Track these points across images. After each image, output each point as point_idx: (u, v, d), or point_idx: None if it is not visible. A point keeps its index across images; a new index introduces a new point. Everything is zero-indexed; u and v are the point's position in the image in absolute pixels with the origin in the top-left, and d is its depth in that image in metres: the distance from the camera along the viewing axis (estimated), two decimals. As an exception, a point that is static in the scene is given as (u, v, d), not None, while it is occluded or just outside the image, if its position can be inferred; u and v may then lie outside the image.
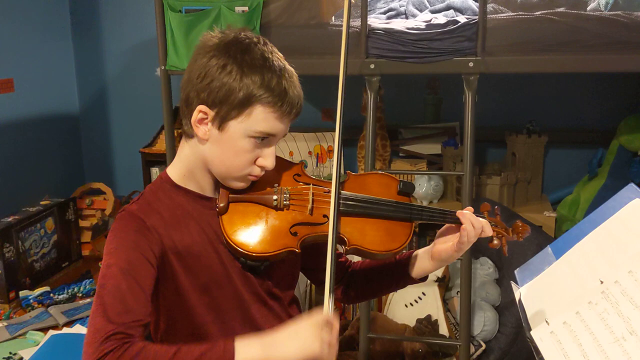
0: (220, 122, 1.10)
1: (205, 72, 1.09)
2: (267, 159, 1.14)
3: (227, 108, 1.09)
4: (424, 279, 1.32)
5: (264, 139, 1.12)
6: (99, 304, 1.01)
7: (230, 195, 1.16)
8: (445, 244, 1.22)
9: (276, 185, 1.19)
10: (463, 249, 1.20)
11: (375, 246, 1.18)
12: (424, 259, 1.28)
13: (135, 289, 1.03)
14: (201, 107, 1.10)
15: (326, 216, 1.17)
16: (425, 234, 2.87)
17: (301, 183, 1.22)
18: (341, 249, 1.22)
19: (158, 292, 1.11)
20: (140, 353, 0.95)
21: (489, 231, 1.21)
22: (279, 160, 1.20)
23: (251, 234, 1.14)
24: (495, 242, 1.23)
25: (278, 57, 1.13)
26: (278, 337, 1.00)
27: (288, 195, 1.17)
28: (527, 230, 1.24)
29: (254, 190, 1.18)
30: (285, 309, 1.28)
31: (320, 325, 0.99)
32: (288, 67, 1.14)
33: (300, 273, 1.38)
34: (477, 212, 1.23)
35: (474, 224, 1.18)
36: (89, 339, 0.98)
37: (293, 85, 1.13)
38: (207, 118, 1.11)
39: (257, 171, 1.15)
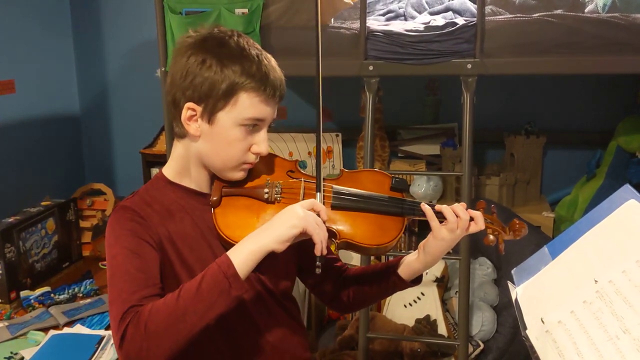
0: (209, 115, 1.13)
1: (186, 70, 1.12)
2: (261, 145, 1.17)
3: (213, 101, 1.12)
4: (417, 281, 1.31)
5: (254, 126, 1.15)
6: (112, 291, 1.05)
7: (223, 189, 1.19)
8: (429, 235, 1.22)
9: (268, 179, 1.22)
10: (444, 238, 1.18)
11: (366, 240, 1.19)
12: (412, 258, 1.28)
13: (143, 268, 1.07)
14: (188, 104, 1.13)
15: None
16: (425, 234, 2.88)
17: (293, 178, 1.24)
18: (332, 244, 1.23)
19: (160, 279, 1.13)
20: (152, 311, 0.99)
21: (481, 224, 1.19)
22: (273, 157, 1.24)
23: (243, 227, 1.16)
24: (491, 238, 1.21)
25: (255, 46, 1.16)
26: (266, 225, 1.08)
27: (279, 190, 1.20)
28: (524, 228, 1.22)
29: (247, 185, 1.21)
30: (280, 302, 1.28)
31: (304, 205, 1.09)
32: (265, 53, 1.17)
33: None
34: (473, 209, 1.23)
35: (456, 212, 1.17)
36: (112, 325, 1.03)
37: (273, 69, 1.16)
38: (196, 114, 1.14)
39: (252, 158, 1.18)
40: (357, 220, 1.21)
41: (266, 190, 1.19)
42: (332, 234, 1.19)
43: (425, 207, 1.20)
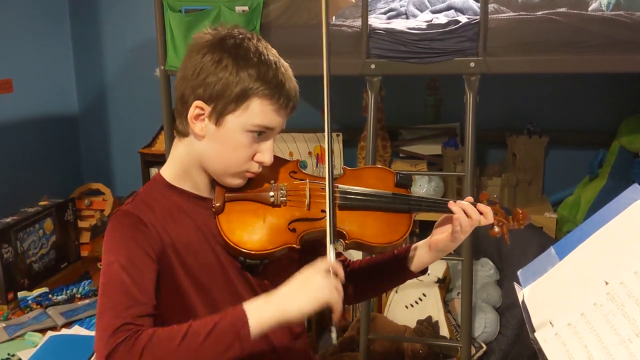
0: (218, 117, 1.10)
1: (200, 67, 1.09)
2: (265, 154, 1.13)
3: (223, 102, 1.08)
4: (423, 272, 1.31)
5: (262, 134, 1.12)
6: (105, 301, 1.01)
7: (226, 195, 1.16)
8: (442, 234, 1.23)
9: (272, 182, 1.19)
10: (458, 238, 1.20)
11: (375, 239, 1.18)
12: (421, 251, 1.28)
13: (139, 282, 1.02)
14: (197, 102, 1.09)
15: (324, 211, 1.16)
16: (426, 235, 2.86)
17: (297, 179, 1.21)
18: (341, 246, 1.21)
19: (159, 291, 1.09)
20: (152, 338, 0.95)
21: (490, 218, 1.21)
22: (274, 158, 1.19)
23: (249, 232, 1.13)
24: (496, 229, 1.23)
25: (273, 52, 1.13)
26: (286, 291, 1.01)
27: (285, 192, 1.17)
28: (527, 216, 1.25)
29: (250, 188, 1.17)
30: None
31: (325, 271, 1.01)
32: (282, 61, 1.14)
33: None
34: (477, 201, 1.24)
35: (468, 213, 1.19)
36: (99, 336, 0.97)
37: (289, 78, 1.13)
38: (203, 114, 1.10)
39: (255, 167, 1.15)
40: (365, 220, 1.19)
41: (271, 193, 1.16)
42: (341, 235, 1.17)
43: (457, 212, 1.19)
